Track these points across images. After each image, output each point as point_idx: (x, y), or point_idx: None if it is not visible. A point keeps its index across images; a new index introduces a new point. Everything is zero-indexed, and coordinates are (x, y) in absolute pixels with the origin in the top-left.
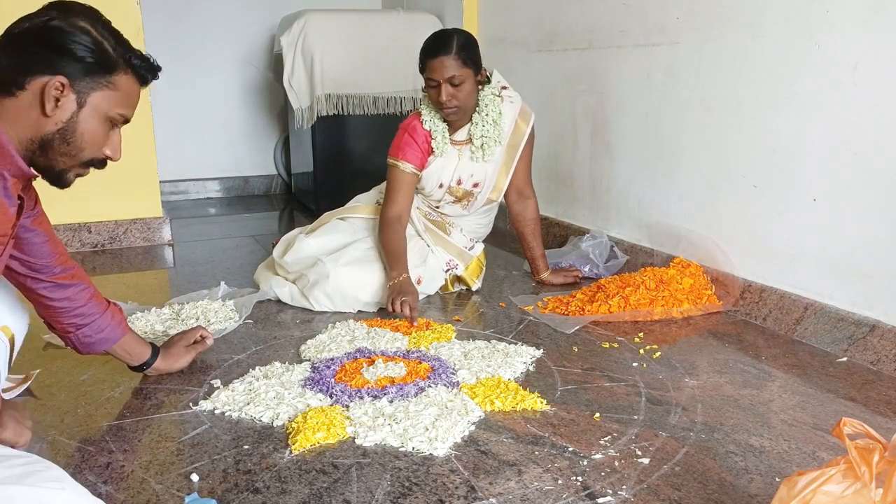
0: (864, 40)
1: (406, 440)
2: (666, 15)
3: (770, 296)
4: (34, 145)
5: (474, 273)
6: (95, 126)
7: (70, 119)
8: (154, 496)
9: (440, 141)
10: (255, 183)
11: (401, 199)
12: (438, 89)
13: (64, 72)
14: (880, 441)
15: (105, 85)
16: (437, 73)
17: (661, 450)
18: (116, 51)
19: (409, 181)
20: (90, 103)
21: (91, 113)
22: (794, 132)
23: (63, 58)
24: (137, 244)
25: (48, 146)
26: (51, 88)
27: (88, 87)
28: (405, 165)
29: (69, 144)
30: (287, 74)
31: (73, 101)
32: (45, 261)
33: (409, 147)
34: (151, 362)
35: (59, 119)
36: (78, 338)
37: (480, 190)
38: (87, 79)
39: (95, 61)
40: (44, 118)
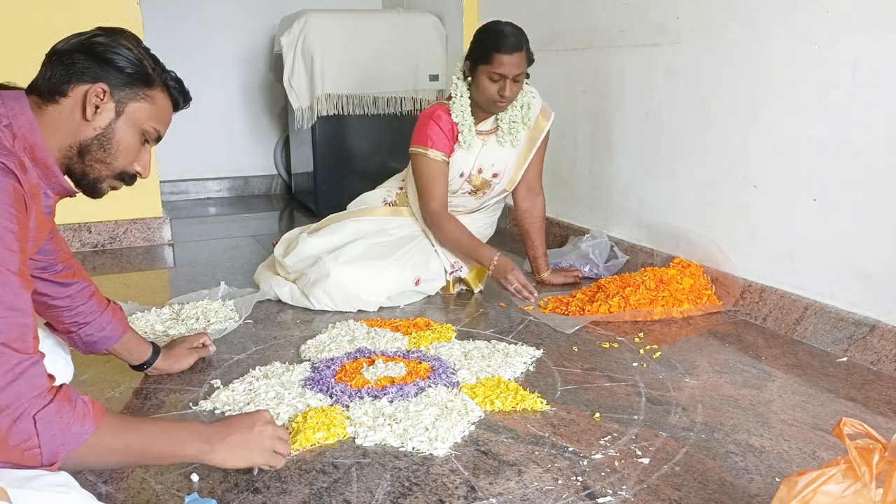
0: (864, 40)
1: (406, 440)
2: (666, 15)
3: (770, 296)
4: (72, 151)
5: (478, 277)
6: (130, 136)
7: (108, 126)
8: (154, 496)
9: (467, 133)
10: (256, 183)
11: (439, 190)
12: (503, 84)
13: (105, 80)
14: (880, 441)
15: (143, 97)
16: (508, 68)
17: (661, 450)
18: (154, 69)
19: (443, 169)
20: (127, 112)
21: (127, 122)
22: (794, 132)
23: (105, 67)
24: (137, 244)
25: (86, 151)
26: (92, 94)
27: (127, 97)
28: (436, 154)
29: (105, 151)
30: (287, 74)
31: (111, 109)
32: (49, 258)
33: (436, 135)
34: (152, 361)
35: (97, 125)
36: (80, 337)
37: (499, 180)
38: (126, 89)
39: (135, 73)
40: (84, 123)
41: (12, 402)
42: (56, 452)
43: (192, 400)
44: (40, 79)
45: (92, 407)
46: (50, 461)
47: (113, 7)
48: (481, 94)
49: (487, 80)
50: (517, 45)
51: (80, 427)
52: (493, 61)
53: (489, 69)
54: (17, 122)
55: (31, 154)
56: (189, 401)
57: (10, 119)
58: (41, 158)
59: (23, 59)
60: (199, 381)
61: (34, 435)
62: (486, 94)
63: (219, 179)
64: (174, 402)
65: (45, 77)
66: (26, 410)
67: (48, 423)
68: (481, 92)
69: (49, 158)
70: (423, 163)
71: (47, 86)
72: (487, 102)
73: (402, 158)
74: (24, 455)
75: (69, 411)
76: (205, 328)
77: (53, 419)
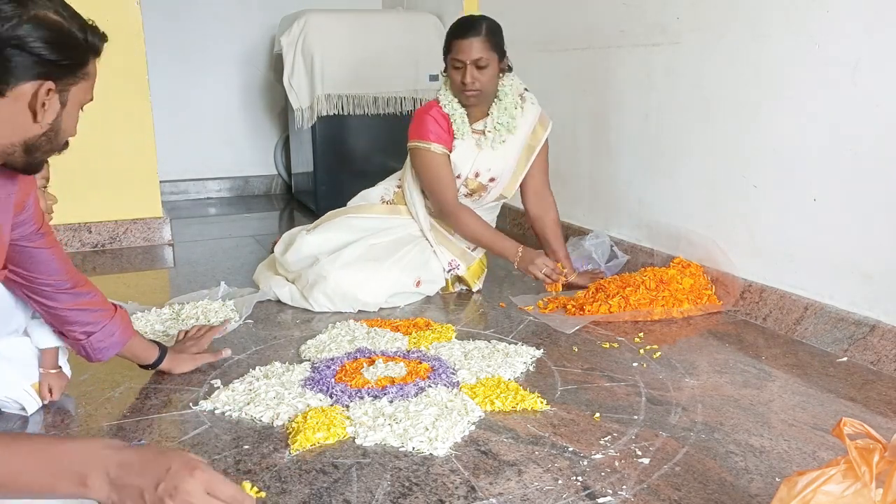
0: (864, 40)
1: (406, 440)
2: (666, 15)
3: (770, 296)
4: (16, 148)
5: (475, 274)
6: (74, 116)
7: (56, 119)
8: None
9: (460, 123)
10: (256, 183)
11: (448, 183)
12: (463, 70)
13: (48, 76)
14: (880, 441)
15: (81, 76)
16: (465, 53)
17: (661, 450)
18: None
19: (446, 162)
20: (71, 99)
21: (71, 108)
22: (794, 132)
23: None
24: (137, 244)
25: (34, 149)
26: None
27: (69, 83)
28: (436, 147)
29: (52, 142)
30: (287, 74)
31: (57, 102)
32: (57, 278)
33: (433, 130)
34: (159, 362)
35: (46, 121)
36: (91, 344)
37: (495, 185)
38: (67, 78)
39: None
40: (32, 124)
41: None
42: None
43: (192, 400)
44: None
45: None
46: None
47: (113, 7)
48: (452, 86)
49: (452, 69)
50: (473, 29)
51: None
52: (452, 48)
53: (451, 57)
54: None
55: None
56: (189, 400)
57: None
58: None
59: None
60: (200, 381)
61: None
62: (455, 84)
63: (219, 179)
64: (174, 401)
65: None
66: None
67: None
68: (452, 83)
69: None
70: (427, 158)
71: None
72: (457, 93)
73: (402, 158)
74: None
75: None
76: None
77: None
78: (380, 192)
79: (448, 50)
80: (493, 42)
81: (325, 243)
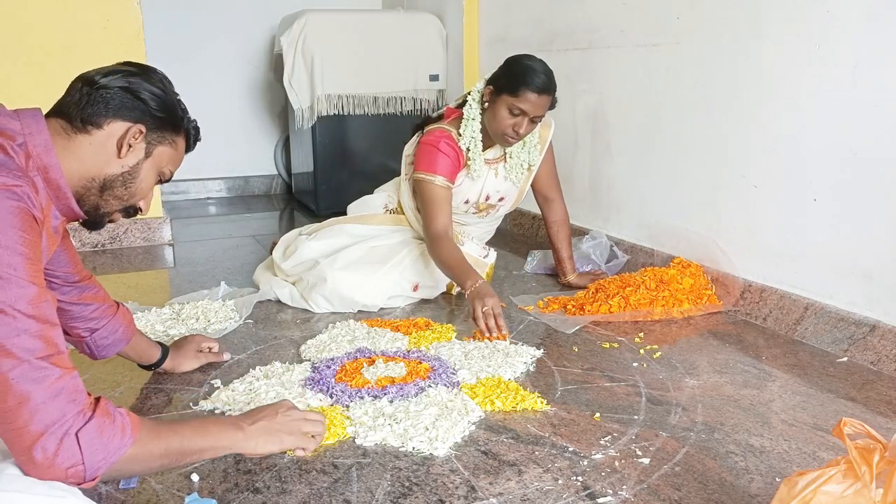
0: (864, 40)
1: (406, 440)
2: (666, 15)
3: (770, 296)
4: (94, 183)
5: (487, 277)
6: (151, 177)
7: (136, 165)
8: (154, 496)
9: (476, 162)
10: (256, 183)
11: (443, 214)
12: (520, 120)
13: (143, 121)
14: (880, 441)
15: (169, 142)
16: (532, 107)
17: (661, 450)
18: (182, 113)
19: (447, 195)
20: (154, 155)
21: (152, 164)
22: (794, 132)
23: (144, 107)
24: (137, 244)
25: (109, 186)
26: (131, 134)
27: (157, 139)
28: (441, 180)
29: (126, 189)
30: (287, 74)
31: (142, 150)
32: (65, 269)
33: (442, 163)
34: (161, 362)
35: (126, 163)
36: (95, 341)
37: (504, 203)
38: (157, 132)
39: (168, 118)
40: (115, 159)
41: (57, 419)
42: (98, 468)
43: (192, 400)
44: (72, 104)
45: (129, 419)
46: (92, 476)
47: (113, 7)
48: (495, 124)
49: (507, 111)
50: (547, 86)
51: (120, 440)
52: (520, 95)
53: (512, 101)
54: (33, 141)
55: (44, 174)
56: (189, 401)
57: (26, 137)
58: (54, 179)
59: (23, 59)
60: (200, 381)
61: (77, 452)
62: (501, 125)
63: (219, 179)
64: (174, 401)
65: (79, 104)
66: (70, 428)
67: (90, 440)
68: (497, 122)
69: (62, 180)
70: (428, 189)
71: (81, 114)
72: (498, 134)
73: (402, 158)
74: (66, 473)
75: (109, 426)
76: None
77: (94, 436)
78: (382, 200)
79: (511, 92)
80: (555, 98)
81: (326, 248)
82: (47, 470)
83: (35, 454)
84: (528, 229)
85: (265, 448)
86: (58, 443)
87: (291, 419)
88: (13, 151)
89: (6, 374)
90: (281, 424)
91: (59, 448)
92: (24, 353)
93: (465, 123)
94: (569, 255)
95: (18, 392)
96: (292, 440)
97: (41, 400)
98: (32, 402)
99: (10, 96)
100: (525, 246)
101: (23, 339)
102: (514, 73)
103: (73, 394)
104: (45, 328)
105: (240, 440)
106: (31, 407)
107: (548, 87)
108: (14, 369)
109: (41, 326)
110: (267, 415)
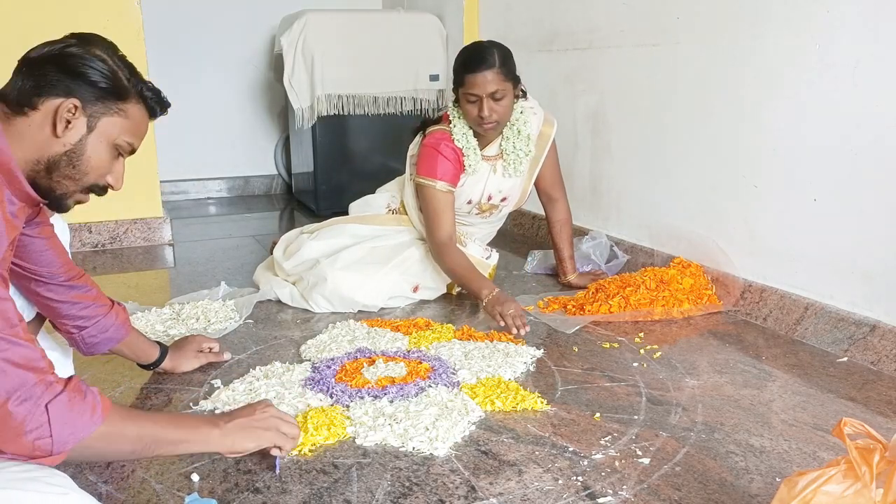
0: (864, 40)
1: (406, 440)
2: (666, 15)
3: (770, 296)
4: (40, 166)
5: (489, 277)
6: (102, 151)
7: (79, 142)
8: (154, 496)
9: (473, 158)
10: (256, 183)
11: (446, 220)
12: (479, 104)
13: (77, 95)
14: (881, 441)
15: (116, 111)
16: (480, 88)
17: (661, 450)
18: (130, 81)
19: (450, 200)
20: (99, 128)
21: (99, 138)
22: (794, 132)
23: (77, 81)
24: (138, 244)
25: (54, 167)
26: (63, 110)
27: (100, 111)
28: (442, 185)
29: (74, 167)
30: (287, 74)
31: (83, 125)
32: (51, 269)
33: (443, 166)
34: (160, 362)
35: (67, 141)
36: (83, 338)
37: (507, 203)
38: (98, 104)
39: (108, 87)
40: (53, 139)
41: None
42: (65, 442)
43: (192, 400)
44: (10, 87)
45: (101, 399)
46: (59, 450)
47: (113, 7)
48: (467, 118)
49: (466, 102)
50: (485, 62)
51: (90, 417)
52: (465, 82)
53: (464, 91)
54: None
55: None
56: (189, 401)
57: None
58: (4, 163)
59: None
60: (200, 381)
61: (46, 423)
62: (469, 117)
63: (219, 179)
64: (175, 401)
65: (14, 87)
66: (39, 399)
67: (59, 413)
68: (466, 115)
69: (12, 163)
70: (430, 194)
71: (16, 97)
72: (474, 125)
73: (402, 158)
74: (34, 444)
75: (80, 402)
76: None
77: (64, 410)
78: (385, 200)
79: (460, 83)
80: (507, 71)
81: (328, 248)
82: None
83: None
84: (528, 229)
85: (242, 445)
86: (26, 412)
87: (269, 415)
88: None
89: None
90: (258, 421)
91: (26, 417)
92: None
93: (452, 125)
94: (570, 254)
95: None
96: (269, 436)
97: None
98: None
99: None
100: (525, 246)
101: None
102: (456, 65)
103: (32, 361)
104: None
105: (215, 437)
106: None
107: (484, 61)
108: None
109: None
110: (245, 413)
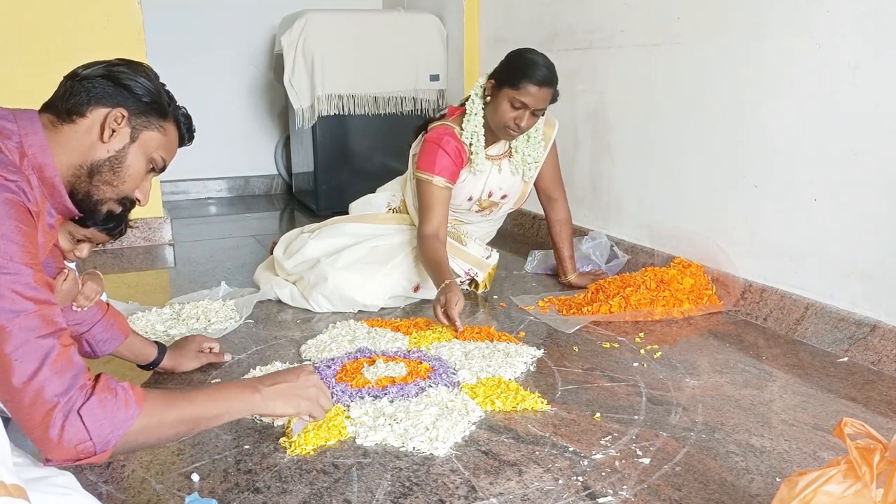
0: (864, 40)
1: (406, 440)
2: (666, 15)
3: (771, 296)
4: (82, 170)
5: (490, 277)
6: (140, 162)
7: (122, 149)
8: (155, 496)
9: (478, 158)
10: (256, 183)
11: (437, 216)
12: (522, 113)
13: (124, 105)
14: (881, 441)
15: (157, 127)
16: (532, 99)
17: (661, 450)
18: (169, 104)
19: (445, 196)
20: (141, 139)
21: (139, 149)
22: (794, 132)
23: (125, 93)
24: (138, 244)
25: (96, 172)
26: (111, 118)
27: (142, 124)
28: (439, 180)
29: (115, 174)
30: (288, 74)
31: (127, 134)
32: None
33: (442, 161)
34: (159, 361)
35: (112, 147)
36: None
37: (507, 201)
38: (142, 117)
39: (152, 103)
40: (99, 144)
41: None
42: (107, 441)
43: None
44: (58, 98)
45: (132, 391)
46: (103, 449)
47: (113, 7)
48: (497, 117)
49: (508, 104)
50: (548, 79)
51: (125, 412)
52: (521, 88)
53: (514, 94)
54: (28, 141)
55: (39, 173)
56: None
57: (22, 137)
58: (49, 178)
59: (23, 59)
60: (200, 381)
61: (83, 430)
62: (503, 118)
63: (219, 179)
64: None
65: (63, 97)
66: (73, 406)
67: (93, 416)
68: (498, 115)
69: (56, 178)
70: (426, 188)
71: (65, 105)
72: (500, 127)
73: (403, 158)
74: (76, 450)
75: (111, 400)
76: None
77: (97, 411)
78: (385, 199)
79: (513, 86)
80: (556, 92)
81: (328, 248)
82: (57, 448)
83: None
84: (528, 229)
85: (282, 409)
86: (62, 421)
87: (312, 385)
88: (8, 150)
89: (9, 355)
90: (301, 389)
91: (63, 427)
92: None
93: (467, 118)
94: (570, 254)
95: (22, 371)
96: (308, 405)
97: (46, 377)
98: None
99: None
100: (525, 246)
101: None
102: (515, 66)
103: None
104: (42, 308)
105: (257, 402)
106: (37, 385)
107: (549, 79)
108: (17, 349)
109: (39, 306)
110: (289, 378)
